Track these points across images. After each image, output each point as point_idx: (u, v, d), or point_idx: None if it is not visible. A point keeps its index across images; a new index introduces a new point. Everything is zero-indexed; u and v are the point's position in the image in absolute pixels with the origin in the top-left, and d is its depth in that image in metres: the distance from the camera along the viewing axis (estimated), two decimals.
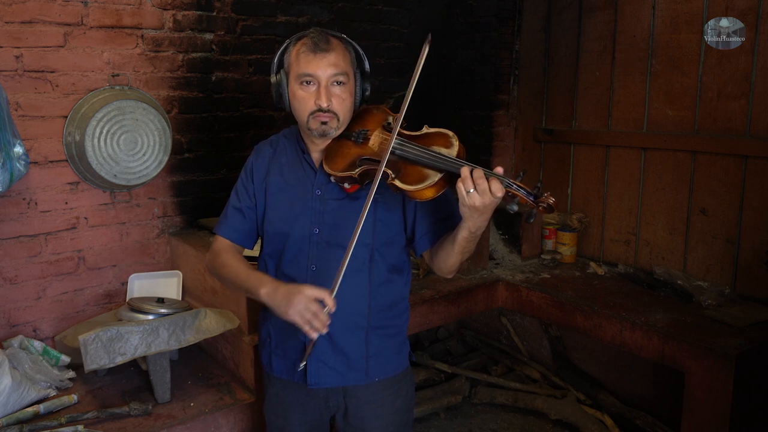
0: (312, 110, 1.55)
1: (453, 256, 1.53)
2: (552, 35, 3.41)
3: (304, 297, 1.42)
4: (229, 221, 1.73)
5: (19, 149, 2.20)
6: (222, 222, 1.75)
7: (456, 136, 1.49)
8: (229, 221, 1.73)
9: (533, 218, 1.37)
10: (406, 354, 1.76)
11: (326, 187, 1.62)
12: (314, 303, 1.42)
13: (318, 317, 1.41)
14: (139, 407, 2.17)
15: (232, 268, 1.65)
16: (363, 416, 1.69)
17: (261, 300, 1.53)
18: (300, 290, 1.44)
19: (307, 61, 1.53)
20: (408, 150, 1.48)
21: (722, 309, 2.61)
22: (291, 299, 1.43)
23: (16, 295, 2.51)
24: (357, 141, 1.59)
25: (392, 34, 3.57)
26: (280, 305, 1.46)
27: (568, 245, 3.32)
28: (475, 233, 1.44)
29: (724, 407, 2.25)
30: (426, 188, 1.43)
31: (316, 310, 1.41)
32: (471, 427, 2.97)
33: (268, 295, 1.50)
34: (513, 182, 1.35)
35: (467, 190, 1.34)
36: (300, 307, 1.42)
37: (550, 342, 3.30)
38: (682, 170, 2.91)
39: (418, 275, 3.00)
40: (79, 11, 2.52)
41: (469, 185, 1.34)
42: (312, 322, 1.41)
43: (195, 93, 2.88)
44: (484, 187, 1.33)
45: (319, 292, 1.43)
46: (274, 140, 1.76)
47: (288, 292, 1.46)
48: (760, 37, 2.59)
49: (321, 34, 1.55)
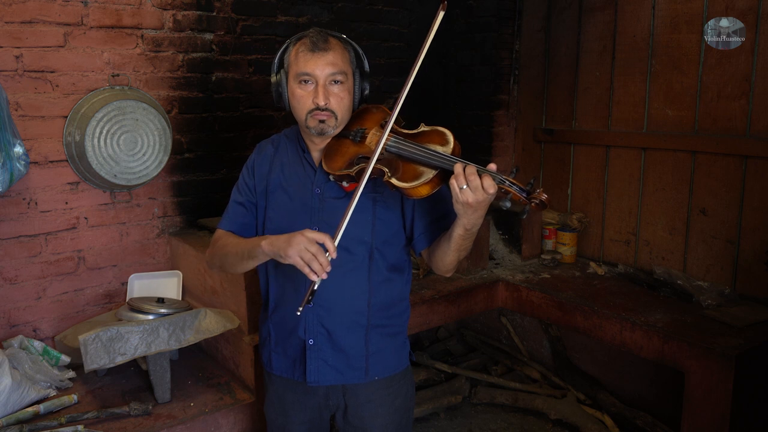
0: (310, 109, 1.56)
1: (450, 254, 1.54)
2: (552, 35, 3.41)
3: (304, 237, 1.41)
4: (230, 215, 1.73)
5: (19, 149, 2.20)
6: (224, 218, 1.75)
7: (452, 133, 1.50)
8: (230, 215, 1.73)
9: (526, 214, 1.38)
10: (407, 353, 1.76)
11: (325, 185, 1.63)
12: (315, 245, 1.40)
13: (317, 259, 1.39)
14: (139, 407, 2.17)
15: (232, 245, 1.64)
16: (363, 415, 1.70)
17: (264, 252, 1.50)
18: (301, 232, 1.43)
19: (305, 60, 1.54)
20: (403, 147, 1.49)
21: (722, 309, 2.61)
22: (291, 239, 1.42)
23: (16, 295, 2.51)
24: (355, 140, 1.60)
25: (392, 34, 3.57)
26: (281, 247, 1.44)
27: (568, 245, 3.32)
28: (470, 230, 1.45)
29: (724, 407, 2.25)
30: (421, 185, 1.44)
31: (316, 252, 1.39)
32: (471, 427, 2.97)
33: (269, 243, 1.48)
34: (506, 178, 1.36)
35: (460, 187, 1.35)
36: (300, 247, 1.40)
37: (550, 342, 3.30)
38: (682, 170, 2.91)
39: (418, 275, 3.00)
40: (79, 11, 2.52)
41: (462, 182, 1.34)
42: (311, 263, 1.39)
43: (195, 93, 2.88)
44: (476, 184, 1.33)
45: (320, 236, 1.41)
46: (275, 139, 1.76)
47: (290, 235, 1.44)
48: (760, 37, 2.59)
49: (320, 34, 1.56)
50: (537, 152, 3.57)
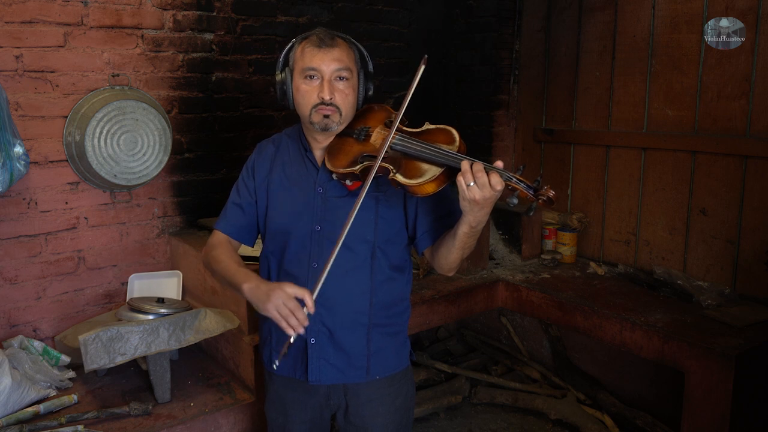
0: (315, 103, 1.56)
1: (454, 252, 1.54)
2: (552, 35, 3.41)
3: (283, 293, 1.43)
4: (228, 217, 1.75)
5: (19, 149, 2.20)
6: (221, 218, 1.77)
7: (457, 132, 1.50)
8: (228, 217, 1.75)
9: (533, 211, 1.38)
10: (407, 353, 1.76)
11: (328, 184, 1.63)
12: (292, 300, 1.43)
13: (295, 314, 1.42)
14: (139, 407, 2.17)
15: (223, 263, 1.66)
16: (363, 414, 1.70)
17: (244, 295, 1.53)
18: (281, 287, 1.45)
19: (311, 56, 1.55)
20: (409, 145, 1.49)
21: (722, 309, 2.61)
22: (270, 294, 1.45)
23: (16, 295, 2.51)
24: (359, 138, 1.60)
25: (392, 34, 3.57)
26: (260, 300, 1.47)
27: (568, 245, 3.32)
28: (475, 228, 1.45)
29: (724, 407, 2.25)
30: (427, 183, 1.44)
31: (294, 308, 1.42)
32: (471, 427, 2.97)
33: (250, 290, 1.51)
34: (513, 176, 1.36)
35: (467, 184, 1.35)
36: (278, 302, 1.42)
37: (550, 342, 3.30)
38: (682, 170, 2.91)
39: (418, 275, 3.00)
40: (79, 11, 2.52)
41: (469, 178, 1.34)
42: (288, 318, 1.42)
43: (195, 93, 2.88)
44: (483, 181, 1.33)
45: (300, 290, 1.44)
46: (276, 139, 1.76)
47: (269, 288, 1.47)
48: (760, 37, 2.59)
49: (326, 32, 1.58)
50: (537, 152, 3.57)
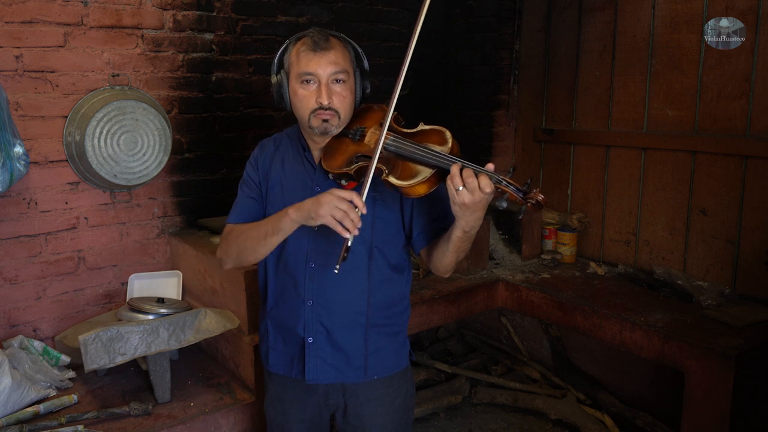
0: (313, 108, 1.56)
1: (448, 256, 1.54)
2: (552, 35, 3.41)
3: (333, 196, 1.40)
4: (240, 209, 1.71)
5: (19, 149, 2.20)
6: (233, 212, 1.73)
7: (450, 132, 1.50)
8: (240, 209, 1.71)
9: (522, 215, 1.38)
10: (407, 353, 1.76)
11: (325, 184, 1.63)
12: (345, 202, 1.39)
13: (349, 216, 1.38)
14: (139, 407, 2.17)
15: (250, 227, 1.61)
16: (362, 415, 1.70)
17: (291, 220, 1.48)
18: (328, 191, 1.42)
19: (307, 60, 1.54)
20: (401, 146, 1.49)
21: (722, 309, 2.61)
22: (320, 200, 1.42)
23: (16, 295, 2.51)
24: (354, 138, 1.60)
25: (392, 34, 3.57)
26: (310, 210, 1.43)
27: (568, 245, 3.32)
28: (468, 233, 1.45)
29: (724, 407, 2.25)
30: (418, 184, 1.44)
31: (347, 209, 1.39)
32: (471, 427, 2.97)
33: (296, 209, 1.47)
34: (503, 178, 1.36)
35: (456, 188, 1.34)
36: (331, 206, 1.39)
37: (550, 342, 3.30)
38: (682, 170, 2.91)
39: (418, 275, 3.00)
40: (79, 11, 2.52)
41: (458, 183, 1.34)
42: (344, 220, 1.38)
43: (195, 93, 2.88)
44: (474, 185, 1.33)
45: (348, 192, 1.41)
46: (276, 138, 1.77)
47: (316, 197, 1.44)
48: (760, 37, 2.59)
49: (320, 33, 1.56)
50: (537, 152, 3.57)
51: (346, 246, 1.42)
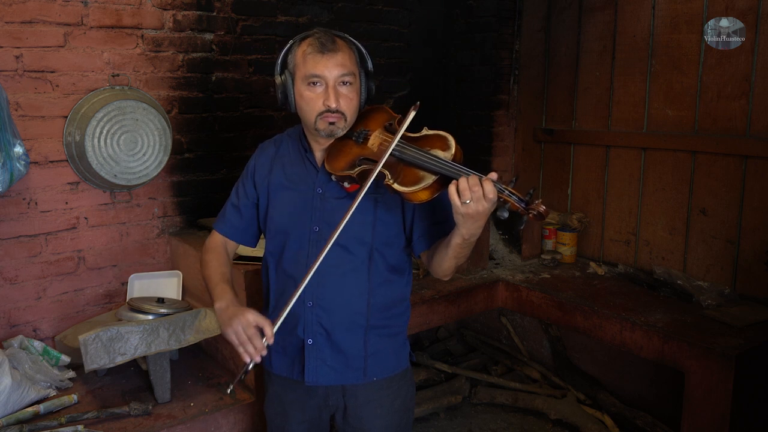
0: (320, 111, 1.55)
1: (447, 261, 1.54)
2: (552, 35, 3.41)
3: (245, 319, 1.48)
4: (226, 218, 1.79)
5: (19, 149, 2.20)
6: (219, 218, 1.81)
7: (453, 138, 1.49)
8: (226, 218, 1.79)
9: (523, 225, 1.37)
10: (407, 354, 1.76)
11: (327, 185, 1.63)
12: (253, 328, 1.47)
13: (252, 342, 1.46)
14: (139, 407, 2.17)
15: (209, 271, 1.72)
16: (362, 416, 1.70)
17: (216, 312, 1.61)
18: (244, 313, 1.50)
19: (314, 62, 1.53)
20: (405, 152, 1.49)
21: (722, 309, 2.61)
22: (233, 319, 1.50)
23: (16, 295, 2.51)
24: (358, 141, 1.60)
25: (392, 34, 3.57)
26: (223, 323, 1.54)
27: (568, 245, 3.32)
28: (468, 240, 1.44)
29: (724, 407, 2.25)
30: (420, 190, 1.43)
31: (252, 335, 1.46)
32: (471, 427, 2.97)
33: (219, 310, 1.58)
34: (505, 187, 1.35)
35: (463, 201, 1.33)
36: (238, 329, 1.48)
37: (550, 342, 3.30)
38: (682, 170, 2.91)
39: (418, 275, 3.00)
40: (79, 11, 2.52)
41: (467, 196, 1.33)
42: (245, 344, 1.46)
43: (195, 93, 2.88)
44: (479, 195, 1.32)
45: (261, 320, 1.48)
46: (278, 139, 1.77)
47: (234, 313, 1.52)
48: (760, 37, 2.59)
49: (326, 35, 1.55)
50: (537, 152, 3.57)
51: (245, 368, 1.49)
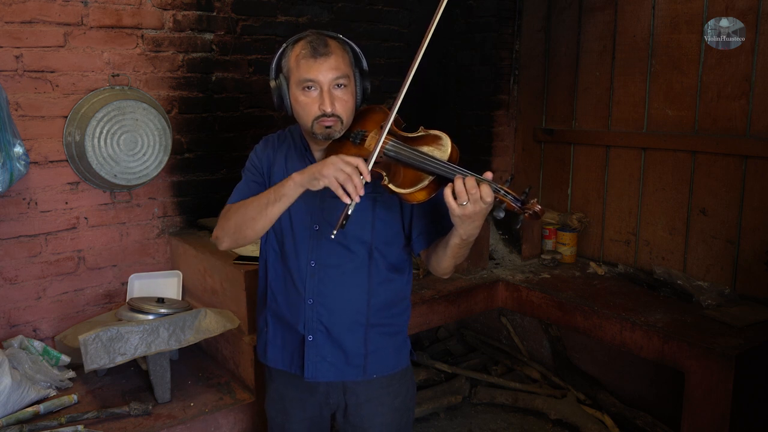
0: (316, 115, 1.54)
1: (446, 260, 1.55)
2: (552, 35, 3.41)
3: (339, 159, 1.40)
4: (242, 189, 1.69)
5: (19, 149, 2.20)
6: (235, 193, 1.70)
7: (449, 138, 1.49)
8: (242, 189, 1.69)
9: (519, 224, 1.37)
10: (407, 353, 1.76)
11: None
12: (349, 166, 1.39)
13: (352, 180, 1.37)
14: (139, 407, 2.17)
15: (251, 200, 1.57)
16: (363, 414, 1.70)
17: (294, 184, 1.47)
18: (335, 155, 1.42)
19: (307, 67, 1.52)
20: (402, 152, 1.49)
21: (722, 309, 2.61)
22: (326, 162, 1.41)
23: (16, 295, 2.51)
24: (355, 142, 1.60)
25: (392, 34, 3.57)
26: (314, 171, 1.42)
27: (568, 245, 3.32)
28: (466, 240, 1.45)
29: (724, 407, 2.25)
30: (417, 191, 1.44)
31: (351, 172, 1.38)
32: (471, 427, 2.97)
33: (301, 174, 1.46)
34: (501, 187, 1.36)
35: (461, 203, 1.33)
36: (336, 167, 1.38)
37: (550, 342, 3.30)
38: (682, 170, 2.91)
39: (418, 275, 3.00)
40: (79, 11, 2.52)
41: (464, 198, 1.33)
42: (346, 184, 1.37)
43: (195, 93, 2.88)
44: (476, 197, 1.33)
45: (353, 158, 1.40)
46: (281, 135, 1.77)
47: (320, 163, 1.43)
48: (760, 37, 2.59)
49: (319, 37, 1.54)
50: (537, 152, 3.57)
51: (345, 213, 1.41)
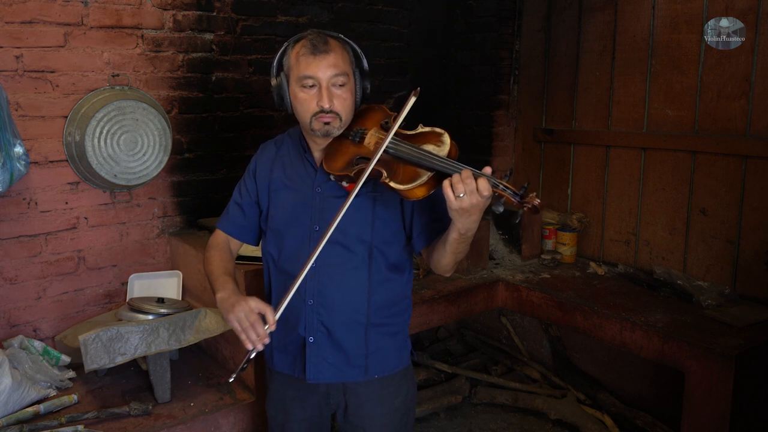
0: (315, 112, 1.57)
1: (446, 257, 1.55)
2: (552, 35, 3.41)
3: (246, 306, 1.48)
4: (229, 216, 1.79)
5: (19, 149, 2.20)
6: (223, 216, 1.81)
7: (448, 134, 1.50)
8: (229, 216, 1.79)
9: (519, 218, 1.40)
10: (407, 352, 1.76)
11: (326, 185, 1.63)
12: (254, 314, 1.46)
13: (255, 329, 1.45)
14: (139, 407, 2.17)
15: (212, 266, 1.71)
16: (363, 414, 1.70)
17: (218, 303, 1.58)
18: (246, 300, 1.50)
19: (307, 64, 1.54)
20: (401, 149, 1.50)
21: (722, 309, 2.61)
22: (235, 306, 1.49)
23: (16, 295, 2.51)
24: (354, 140, 1.61)
25: (392, 34, 3.57)
26: (225, 310, 1.52)
27: (568, 245, 3.32)
28: (465, 235, 1.45)
29: (724, 407, 2.25)
30: (416, 188, 1.44)
31: (254, 322, 1.45)
32: (471, 427, 2.97)
33: (220, 300, 1.56)
34: (500, 182, 1.37)
35: (457, 195, 1.34)
36: (240, 315, 1.47)
37: (550, 342, 3.30)
38: (682, 170, 2.91)
39: (418, 275, 3.00)
40: (79, 11, 2.52)
41: (460, 189, 1.34)
42: (247, 331, 1.45)
43: (195, 93, 2.88)
44: (472, 188, 1.34)
45: (263, 306, 1.48)
46: (279, 139, 1.78)
47: (236, 301, 1.51)
48: (760, 37, 2.59)
49: (319, 36, 1.57)
50: (537, 152, 3.57)
51: (248, 356, 1.48)
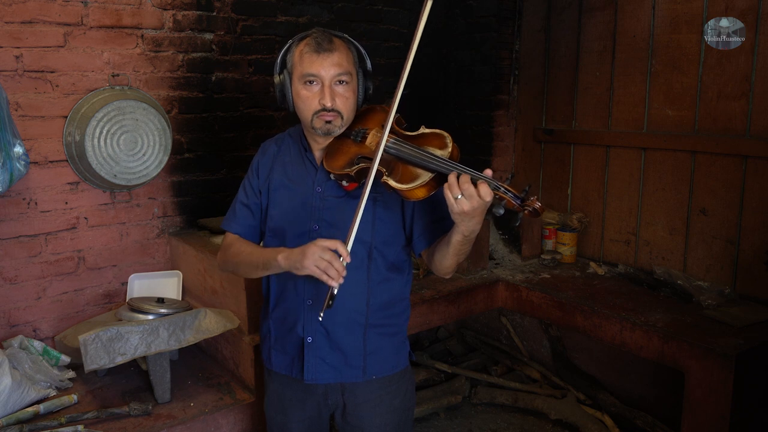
0: (316, 110, 1.57)
1: (448, 258, 1.55)
2: (552, 35, 3.41)
3: (317, 247, 1.44)
4: (237, 217, 1.76)
5: (19, 149, 2.20)
6: (230, 218, 1.77)
7: (450, 137, 1.50)
8: (237, 217, 1.76)
9: (519, 222, 1.39)
10: (406, 353, 1.76)
11: (326, 184, 1.63)
12: (328, 252, 1.43)
13: (333, 265, 1.42)
14: (139, 407, 2.17)
15: (246, 253, 1.67)
16: (361, 414, 1.70)
17: (280, 266, 1.53)
18: (312, 243, 1.46)
19: (310, 62, 1.54)
20: (402, 149, 1.50)
21: (722, 309, 2.61)
22: (305, 251, 1.45)
23: (16, 295, 2.51)
24: (356, 140, 1.61)
25: (392, 34, 3.57)
26: (296, 261, 1.47)
27: (568, 245, 3.32)
28: (468, 237, 1.45)
29: (724, 407, 2.25)
30: (417, 188, 1.44)
31: (331, 258, 1.42)
32: (471, 427, 2.97)
33: (285, 258, 1.51)
34: (501, 185, 1.36)
35: (455, 197, 1.34)
36: (315, 257, 1.43)
37: (550, 342, 3.30)
38: (682, 170, 2.91)
39: (418, 275, 3.00)
40: (79, 11, 2.52)
41: (456, 191, 1.34)
42: (328, 270, 1.42)
43: (195, 93, 2.88)
44: (471, 192, 1.33)
45: (332, 242, 1.44)
46: (279, 138, 1.78)
47: (303, 248, 1.47)
48: (760, 37, 2.59)
49: (323, 34, 1.56)
50: (537, 152, 3.57)
51: (331, 293, 1.47)
